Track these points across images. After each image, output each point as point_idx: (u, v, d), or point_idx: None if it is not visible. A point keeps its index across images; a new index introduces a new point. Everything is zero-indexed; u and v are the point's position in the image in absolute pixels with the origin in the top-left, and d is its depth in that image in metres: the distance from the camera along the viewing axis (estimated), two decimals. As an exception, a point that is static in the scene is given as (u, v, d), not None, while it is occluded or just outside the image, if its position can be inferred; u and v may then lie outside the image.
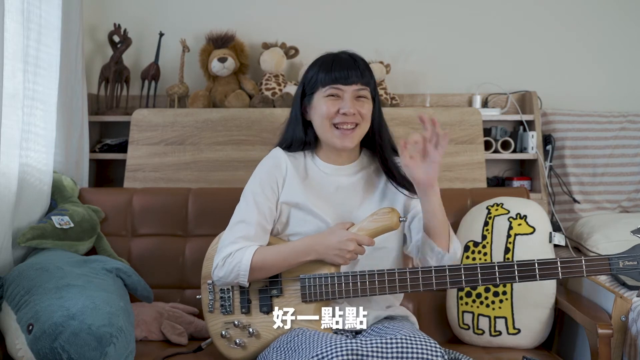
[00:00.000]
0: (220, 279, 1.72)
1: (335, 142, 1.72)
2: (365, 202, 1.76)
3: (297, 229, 1.74)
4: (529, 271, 1.59)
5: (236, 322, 1.72)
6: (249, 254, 1.67)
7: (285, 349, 1.55)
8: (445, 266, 1.61)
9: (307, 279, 1.67)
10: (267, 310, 1.70)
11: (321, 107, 1.72)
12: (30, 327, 1.64)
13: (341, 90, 1.70)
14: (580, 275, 1.60)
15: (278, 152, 1.80)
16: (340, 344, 1.41)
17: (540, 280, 1.60)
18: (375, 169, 1.82)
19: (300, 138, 1.79)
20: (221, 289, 1.77)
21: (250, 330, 1.70)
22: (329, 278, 1.65)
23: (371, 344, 1.43)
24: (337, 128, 1.71)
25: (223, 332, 1.74)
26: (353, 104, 1.70)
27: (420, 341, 1.44)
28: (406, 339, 1.44)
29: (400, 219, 1.65)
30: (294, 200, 1.74)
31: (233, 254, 1.68)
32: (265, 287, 1.72)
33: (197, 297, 1.87)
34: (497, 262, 1.61)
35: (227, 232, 1.75)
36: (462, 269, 1.61)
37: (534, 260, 1.60)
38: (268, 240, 1.75)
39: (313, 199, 1.74)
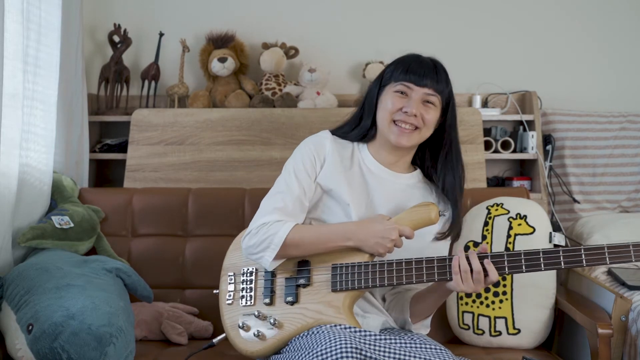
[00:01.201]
0: (248, 247, 1.65)
1: (391, 137, 1.68)
2: (396, 213, 1.68)
3: (324, 215, 1.70)
4: (575, 257, 1.52)
5: (257, 313, 1.65)
6: (286, 228, 1.61)
7: (299, 348, 1.51)
8: (488, 253, 1.56)
9: (338, 267, 1.62)
10: (293, 300, 1.63)
11: (387, 101, 1.69)
12: (30, 327, 1.64)
13: (410, 89, 1.67)
14: (628, 260, 1.51)
15: (325, 133, 1.77)
16: (347, 343, 1.39)
17: (586, 266, 1.52)
18: (423, 193, 1.76)
19: (366, 127, 1.75)
20: (243, 280, 1.71)
21: (272, 320, 1.62)
22: (362, 266, 1.60)
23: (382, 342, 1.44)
24: (396, 125, 1.68)
25: (240, 323, 1.67)
26: (418, 106, 1.66)
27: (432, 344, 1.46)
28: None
29: (441, 214, 1.63)
30: (329, 185, 1.69)
31: (270, 224, 1.62)
32: (291, 277, 1.66)
33: (215, 291, 1.79)
34: (542, 249, 1.54)
35: (265, 201, 1.70)
36: (505, 255, 1.55)
37: (580, 246, 1.53)
38: (304, 219, 1.70)
39: (348, 191, 1.69)
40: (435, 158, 1.77)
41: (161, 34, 2.75)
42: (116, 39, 2.73)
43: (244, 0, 2.84)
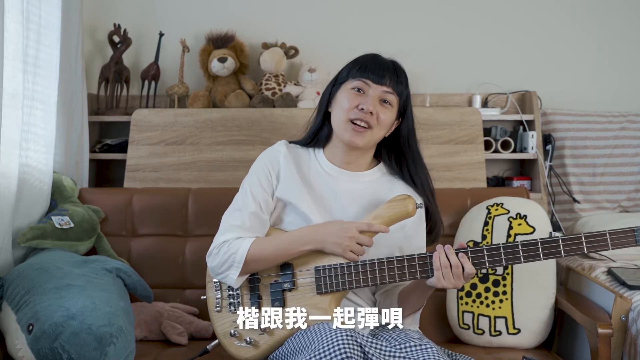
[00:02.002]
0: (212, 268, 1.68)
1: (345, 135, 1.67)
2: (364, 213, 1.69)
3: (290, 227, 1.70)
4: (553, 247, 1.54)
5: None
6: (246, 244, 1.62)
7: (298, 347, 1.51)
8: (467, 248, 1.56)
9: (321, 270, 1.61)
10: (280, 305, 1.64)
11: (343, 99, 1.68)
12: (31, 327, 1.64)
13: (368, 86, 1.66)
14: (606, 249, 1.55)
15: (280, 145, 1.77)
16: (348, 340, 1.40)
17: (565, 256, 1.55)
18: (390, 186, 1.75)
19: (316, 129, 1.76)
20: (229, 287, 1.71)
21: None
22: (345, 267, 1.60)
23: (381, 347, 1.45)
24: (351, 123, 1.66)
25: (232, 331, 1.67)
26: (375, 103, 1.65)
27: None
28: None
29: (418, 206, 1.62)
30: (288, 198, 1.69)
31: (230, 242, 1.64)
32: (277, 282, 1.66)
33: (202, 297, 1.80)
34: (521, 241, 1.55)
35: (223, 220, 1.72)
36: (485, 249, 1.55)
37: (558, 237, 1.54)
38: (266, 232, 1.71)
39: (308, 200, 1.69)
40: (395, 158, 1.77)
41: (161, 34, 2.75)
42: (116, 39, 2.73)
43: (244, 0, 2.84)
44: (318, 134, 1.77)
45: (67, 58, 2.38)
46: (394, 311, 1.63)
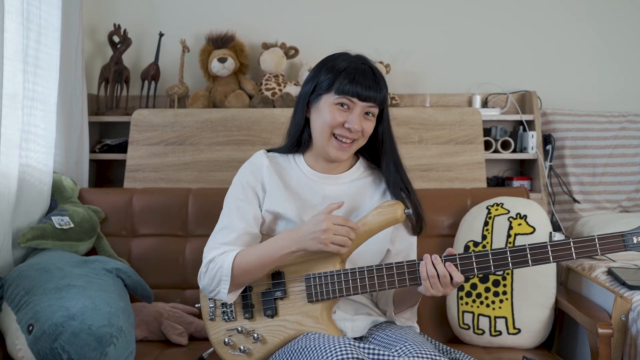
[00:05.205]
0: (204, 288, 1.67)
1: (329, 151, 1.66)
2: (355, 214, 1.69)
3: None
4: (541, 254, 1.54)
5: (239, 329, 1.66)
6: (230, 257, 1.61)
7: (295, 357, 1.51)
8: (456, 255, 1.55)
9: (311, 278, 1.61)
10: (272, 313, 1.64)
11: (326, 113, 1.64)
12: (31, 328, 1.64)
13: (353, 104, 1.63)
14: (595, 254, 1.54)
15: (260, 158, 1.75)
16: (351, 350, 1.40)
17: (553, 262, 1.54)
18: (373, 180, 1.76)
19: (298, 136, 1.74)
20: None
21: (255, 335, 1.64)
22: (335, 275, 1.60)
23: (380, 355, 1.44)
24: (335, 138, 1.65)
25: (226, 340, 1.68)
26: (360, 120, 1.63)
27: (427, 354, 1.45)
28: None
29: (405, 211, 1.61)
30: (276, 210, 1.68)
31: (215, 259, 1.63)
32: (268, 290, 1.66)
33: (196, 305, 1.81)
34: (509, 247, 1.55)
35: (210, 238, 1.70)
36: (474, 256, 1.55)
37: (546, 242, 1.54)
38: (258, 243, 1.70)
39: (297, 208, 1.68)
40: (373, 155, 1.77)
41: (161, 34, 2.75)
42: (116, 39, 2.73)
43: (244, 0, 2.84)
44: (300, 140, 1.75)
45: (67, 58, 2.38)
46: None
